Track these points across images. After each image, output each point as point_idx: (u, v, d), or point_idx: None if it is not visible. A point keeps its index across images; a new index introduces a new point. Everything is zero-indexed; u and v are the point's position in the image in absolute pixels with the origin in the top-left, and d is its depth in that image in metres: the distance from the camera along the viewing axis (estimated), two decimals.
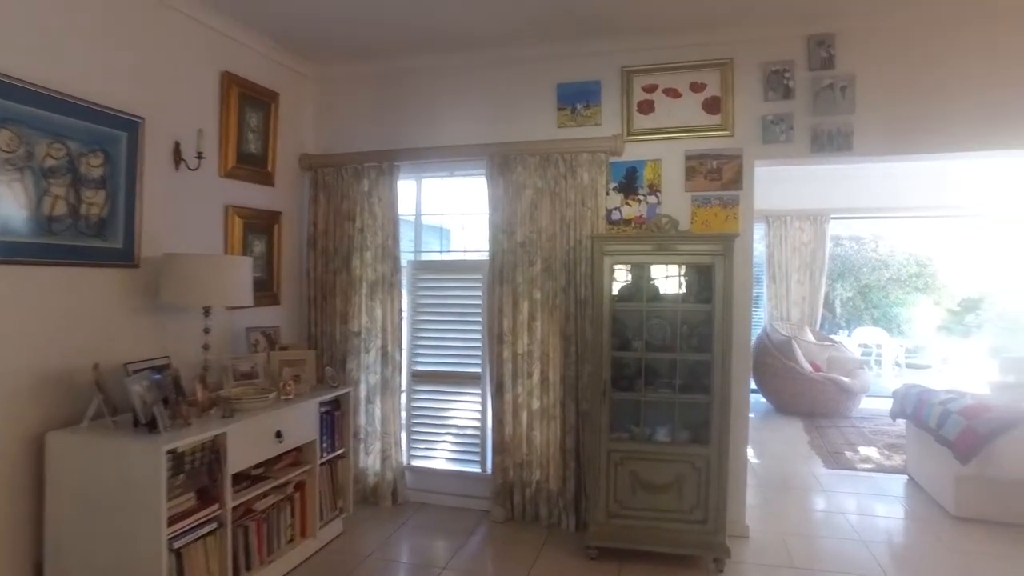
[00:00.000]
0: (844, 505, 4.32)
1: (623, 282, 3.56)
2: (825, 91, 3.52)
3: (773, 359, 7.12)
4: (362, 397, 4.13)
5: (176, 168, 3.28)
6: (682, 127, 3.71)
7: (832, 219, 7.92)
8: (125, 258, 2.98)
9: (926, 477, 4.54)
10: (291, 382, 3.34)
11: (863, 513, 4.18)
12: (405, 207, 4.30)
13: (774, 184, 5.57)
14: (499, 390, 3.89)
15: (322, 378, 3.73)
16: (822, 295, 8.05)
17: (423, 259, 4.47)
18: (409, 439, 4.26)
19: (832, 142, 3.52)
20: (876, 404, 7.09)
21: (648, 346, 3.46)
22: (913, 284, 9.53)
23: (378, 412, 4.13)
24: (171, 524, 2.44)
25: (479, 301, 4.11)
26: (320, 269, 4.22)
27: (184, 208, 3.35)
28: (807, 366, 7.07)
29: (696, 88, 3.70)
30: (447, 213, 4.63)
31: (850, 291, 9.78)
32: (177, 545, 2.48)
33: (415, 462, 4.26)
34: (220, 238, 3.62)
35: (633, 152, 3.78)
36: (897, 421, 5.29)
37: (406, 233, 4.33)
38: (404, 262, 4.24)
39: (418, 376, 4.27)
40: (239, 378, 3.38)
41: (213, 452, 2.69)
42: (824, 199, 7.57)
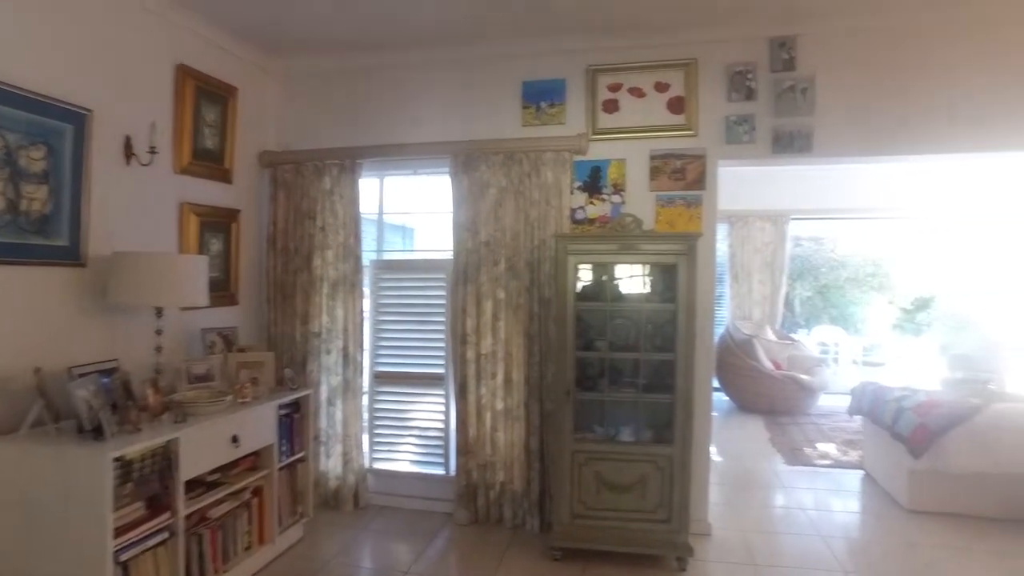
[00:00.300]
0: (803, 501, 4.40)
1: (587, 281, 3.55)
2: (786, 93, 3.56)
3: (736, 358, 7.23)
4: (323, 399, 4.04)
5: (127, 163, 3.16)
6: (647, 127, 3.72)
7: (792, 220, 8.05)
8: (71, 256, 2.85)
9: (881, 472, 4.65)
10: (248, 384, 3.25)
11: (822, 509, 4.26)
12: (368, 205, 4.23)
13: (736, 185, 5.63)
14: (462, 391, 3.85)
15: (281, 380, 3.64)
16: (783, 294, 8.18)
17: (386, 258, 4.40)
18: (371, 441, 4.19)
19: (793, 143, 3.56)
20: (834, 401, 7.24)
21: (612, 346, 3.46)
22: (869, 284, 9.79)
23: (339, 414, 4.05)
24: (118, 535, 2.33)
25: (443, 301, 4.06)
26: (280, 268, 4.12)
27: (136, 205, 3.22)
28: (769, 364, 7.19)
29: (661, 88, 3.71)
30: (410, 212, 4.57)
31: (809, 290, 10.00)
32: (124, 557, 2.37)
33: (377, 465, 4.19)
34: (174, 236, 3.51)
35: (598, 151, 3.78)
36: (854, 417, 5.42)
37: (368, 232, 4.27)
38: (366, 261, 4.17)
39: (380, 377, 4.20)
40: (194, 381, 3.26)
41: (165, 458, 2.59)
42: (784, 200, 7.69)
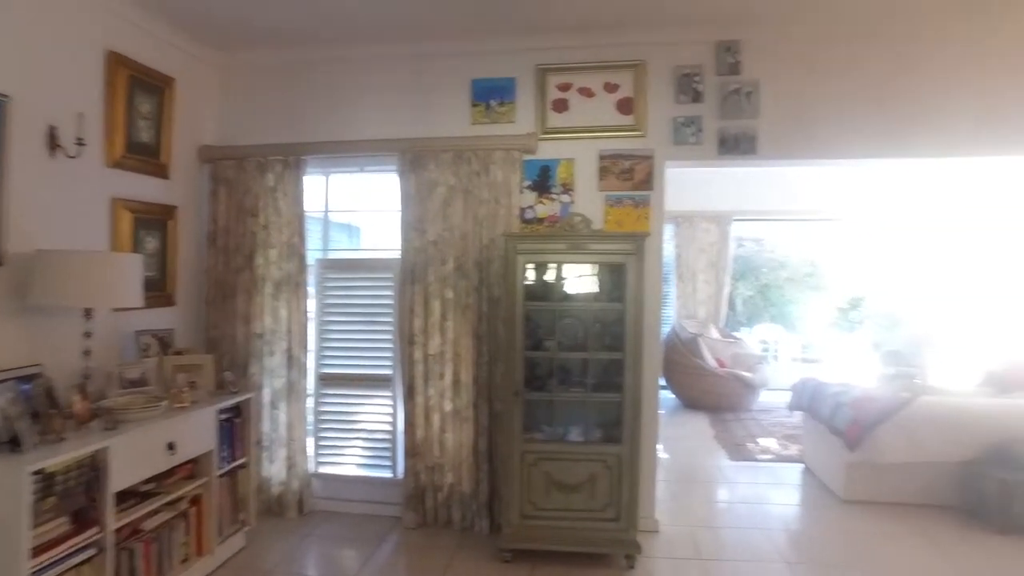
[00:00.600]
0: (746, 495, 4.53)
1: (536, 281, 3.55)
2: (732, 96, 3.64)
3: (681, 356, 7.37)
4: (266, 402, 3.92)
5: (52, 155, 2.96)
6: (596, 127, 3.74)
7: (735, 221, 8.25)
8: None
9: (820, 465, 4.82)
10: (186, 389, 3.12)
11: (763, 502, 4.38)
12: (312, 203, 4.12)
13: (682, 186, 5.73)
14: (410, 392, 3.79)
15: (221, 384, 3.50)
16: (726, 294, 8.39)
17: (331, 257, 4.29)
18: (316, 445, 4.08)
19: (738, 145, 3.64)
20: (774, 397, 7.46)
21: (561, 345, 3.46)
22: (807, 283, 10.13)
23: (283, 418, 3.93)
24: (38, 554, 2.18)
25: (390, 301, 3.99)
26: (220, 268, 3.97)
27: (62, 200, 3.04)
28: (713, 362, 7.36)
29: (610, 88, 3.74)
30: (357, 210, 4.47)
31: (751, 290, 10.28)
32: None
33: (323, 469, 4.09)
34: (106, 233, 3.33)
35: (547, 151, 3.78)
36: (794, 413, 5.59)
37: (313, 230, 4.16)
38: (311, 260, 4.06)
39: (326, 379, 4.10)
40: (127, 386, 3.11)
41: (93, 469, 2.45)
42: (728, 201, 7.88)
